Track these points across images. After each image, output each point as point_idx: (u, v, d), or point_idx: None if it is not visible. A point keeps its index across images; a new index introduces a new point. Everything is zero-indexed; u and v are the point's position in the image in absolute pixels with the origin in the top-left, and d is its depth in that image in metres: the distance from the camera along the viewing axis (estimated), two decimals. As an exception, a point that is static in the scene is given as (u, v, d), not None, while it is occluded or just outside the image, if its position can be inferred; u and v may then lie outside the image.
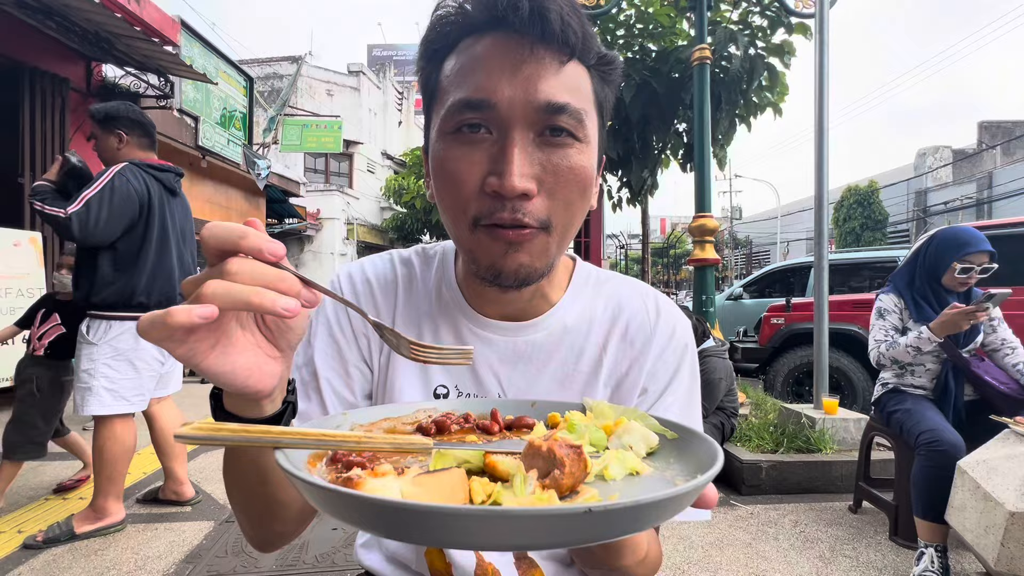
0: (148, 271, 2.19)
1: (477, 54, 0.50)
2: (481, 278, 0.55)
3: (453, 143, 0.51)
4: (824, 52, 3.23)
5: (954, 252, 2.10)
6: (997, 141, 18.60)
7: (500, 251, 0.51)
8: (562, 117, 0.49)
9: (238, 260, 0.35)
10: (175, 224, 2.33)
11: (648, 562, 0.55)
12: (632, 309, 0.66)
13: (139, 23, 5.01)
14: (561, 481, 0.33)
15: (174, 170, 2.37)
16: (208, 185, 8.70)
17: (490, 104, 0.48)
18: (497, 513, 0.26)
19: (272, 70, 16.67)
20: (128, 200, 2.11)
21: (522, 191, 0.48)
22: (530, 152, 0.49)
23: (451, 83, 0.51)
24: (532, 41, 0.48)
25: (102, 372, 2.12)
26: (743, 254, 35.69)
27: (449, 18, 0.51)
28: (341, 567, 1.96)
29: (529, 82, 0.48)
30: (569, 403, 0.50)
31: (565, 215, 0.52)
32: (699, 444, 0.40)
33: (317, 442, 0.35)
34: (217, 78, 7.96)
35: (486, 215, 0.50)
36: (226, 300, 0.33)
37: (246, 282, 0.34)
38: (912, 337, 2.09)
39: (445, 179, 0.52)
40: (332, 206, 16.05)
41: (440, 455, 0.37)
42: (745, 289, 7.48)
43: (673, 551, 2.15)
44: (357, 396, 0.64)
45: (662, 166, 6.25)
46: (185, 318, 0.32)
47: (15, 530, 2.23)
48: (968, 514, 1.73)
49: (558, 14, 0.47)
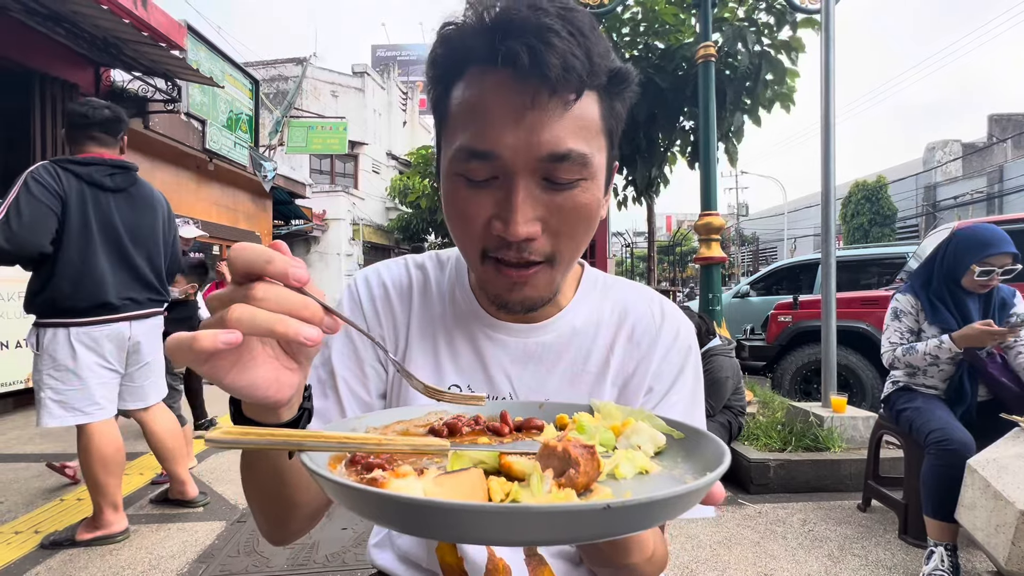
0: (69, 275, 2.02)
1: (482, 97, 0.49)
2: (490, 302, 0.60)
3: (461, 185, 0.52)
4: (830, 48, 3.21)
5: (974, 254, 2.01)
6: (1008, 134, 18.37)
7: (506, 286, 0.55)
8: (565, 165, 0.50)
9: (263, 286, 0.36)
10: (109, 222, 2.13)
11: (655, 560, 0.56)
12: (638, 312, 0.68)
13: (146, 28, 5.06)
14: (576, 480, 0.34)
15: (108, 162, 2.13)
16: (215, 187, 8.77)
17: (494, 155, 0.49)
18: (521, 510, 0.27)
19: (277, 72, 16.77)
20: (47, 196, 1.96)
21: (525, 237, 0.50)
22: (535, 196, 0.51)
23: (458, 119, 0.52)
24: (536, 85, 0.47)
25: (47, 383, 2.03)
26: (750, 251, 35.49)
27: (455, 42, 0.51)
28: (351, 567, 1.98)
29: (532, 132, 0.48)
30: (577, 404, 0.52)
31: (569, 247, 0.55)
32: (706, 443, 0.41)
33: (339, 444, 0.36)
34: (223, 81, 8.03)
35: (493, 249, 0.53)
36: (250, 327, 0.34)
37: (271, 308, 0.35)
38: (932, 346, 2.02)
39: (454, 216, 0.54)
40: (338, 207, 16.13)
41: (457, 456, 0.38)
42: (752, 286, 7.45)
43: (681, 550, 2.15)
44: (372, 395, 0.66)
45: (669, 163, 6.23)
46: (210, 344, 0.33)
47: (32, 530, 2.27)
48: (978, 513, 1.73)
49: (560, 56, 0.45)
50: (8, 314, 4.19)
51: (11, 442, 3.61)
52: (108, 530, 2.16)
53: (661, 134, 5.69)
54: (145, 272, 2.25)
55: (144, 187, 2.29)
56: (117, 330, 2.15)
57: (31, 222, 1.92)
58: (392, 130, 20.64)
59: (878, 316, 4.30)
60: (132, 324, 2.20)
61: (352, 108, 17.42)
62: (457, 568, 0.63)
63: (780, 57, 4.94)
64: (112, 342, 2.14)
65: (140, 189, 2.26)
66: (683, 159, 6.02)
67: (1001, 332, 1.90)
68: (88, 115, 2.11)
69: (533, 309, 0.58)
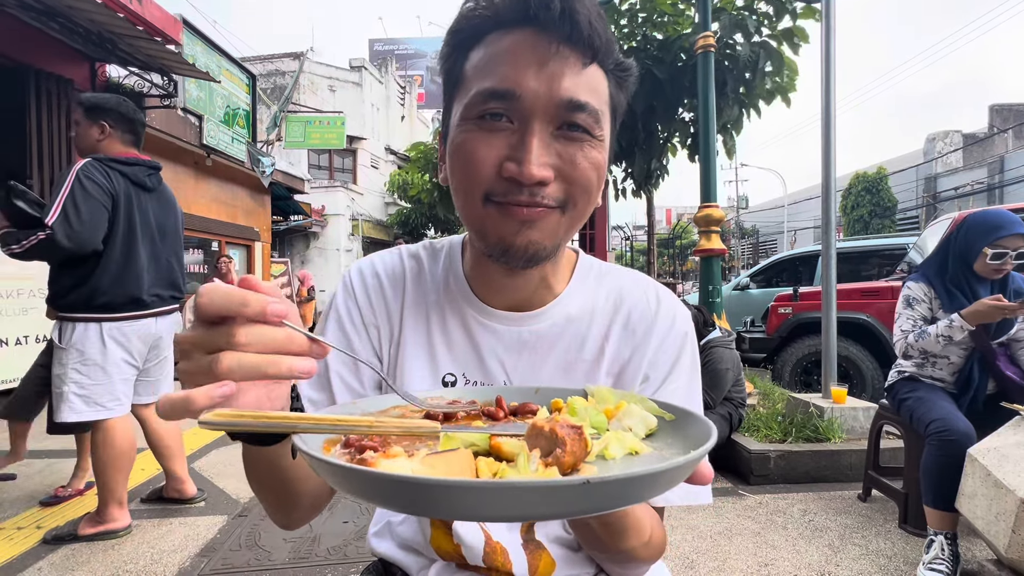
0: (111, 271, 2.07)
1: (505, 47, 0.52)
2: (488, 255, 0.57)
3: (474, 128, 0.53)
4: (830, 38, 3.19)
5: (984, 237, 1.97)
6: (1009, 124, 18.29)
7: (512, 229, 0.53)
8: (581, 115, 0.51)
9: (244, 329, 0.36)
10: (147, 221, 2.20)
11: (652, 545, 0.57)
12: (633, 299, 0.68)
13: (141, 23, 5.02)
14: (563, 459, 0.34)
15: (147, 163, 2.22)
16: (213, 183, 8.74)
17: (515, 95, 0.50)
18: (503, 485, 0.28)
19: (274, 67, 16.66)
20: (101, 194, 2.01)
21: (540, 179, 0.51)
22: (548, 143, 0.52)
23: (477, 73, 0.53)
24: (559, 40, 0.50)
25: (72, 377, 2.03)
26: (750, 244, 35.44)
27: (479, 11, 0.53)
28: (353, 559, 1.99)
29: (553, 78, 0.50)
30: (572, 389, 0.52)
31: (581, 198, 0.55)
32: (694, 423, 0.42)
33: (331, 427, 0.36)
34: (220, 76, 7.98)
35: (500, 194, 0.52)
36: (242, 375, 0.35)
37: (259, 350, 0.35)
38: (943, 326, 1.98)
39: (462, 160, 0.53)
40: (337, 202, 16.08)
41: (448, 438, 0.38)
42: (752, 279, 7.44)
43: (682, 540, 2.16)
44: (367, 387, 0.66)
45: (668, 155, 6.20)
46: (207, 402, 0.34)
47: (34, 526, 2.28)
48: (979, 501, 1.73)
49: (586, 17, 0.50)
50: (7, 311, 4.18)
51: (12, 439, 3.62)
52: (112, 525, 2.17)
53: (660, 126, 5.66)
54: (172, 269, 2.32)
55: (166, 187, 2.37)
56: (145, 326, 2.20)
57: (89, 220, 1.96)
58: (390, 125, 20.54)
59: (878, 307, 4.31)
60: (158, 320, 2.25)
61: (350, 103, 17.32)
62: (454, 554, 0.64)
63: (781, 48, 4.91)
64: (140, 338, 2.19)
65: (165, 189, 2.35)
66: (683, 151, 5.99)
67: (1012, 307, 1.86)
68: (133, 116, 2.19)
69: (533, 262, 0.55)
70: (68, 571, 1.94)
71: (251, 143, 9.07)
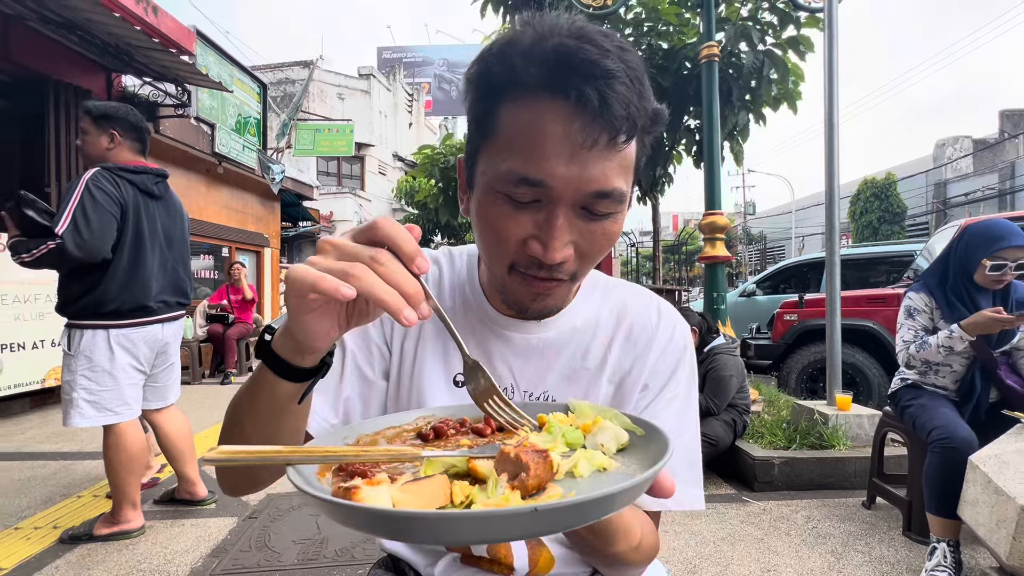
0: (120, 278, 2.09)
1: (541, 126, 0.49)
2: (505, 304, 0.64)
3: (503, 202, 0.53)
4: (833, 46, 3.22)
5: (984, 248, 1.98)
6: (1019, 130, 18.10)
7: (530, 296, 0.59)
8: (606, 202, 0.53)
9: (389, 255, 0.40)
10: (155, 228, 2.22)
11: (642, 549, 0.59)
12: (636, 312, 0.72)
13: (157, 35, 5.14)
14: (527, 483, 0.37)
15: (154, 171, 2.23)
16: (224, 190, 8.86)
17: (545, 184, 0.50)
18: (460, 516, 0.31)
19: (284, 75, 16.90)
20: (110, 203, 2.04)
21: (560, 261, 0.54)
22: (572, 220, 0.53)
23: (510, 140, 0.52)
24: (598, 130, 0.48)
25: (80, 384, 2.06)
26: (757, 250, 35.24)
27: (512, 61, 0.51)
28: (360, 560, 2.02)
29: (584, 169, 0.50)
30: (555, 405, 0.55)
31: (590, 267, 0.59)
32: (658, 439, 0.44)
33: (322, 458, 0.41)
34: (232, 85, 8.12)
35: (523, 266, 0.56)
36: (366, 289, 0.38)
37: (387, 278, 0.39)
38: (943, 336, 2.00)
39: (488, 230, 0.56)
40: (345, 208, 16.24)
41: (429, 463, 0.42)
42: (759, 285, 7.43)
43: (684, 546, 2.17)
44: (376, 373, 0.69)
45: (674, 162, 6.23)
46: (331, 290, 0.37)
47: (51, 525, 2.34)
48: (980, 509, 1.74)
49: (624, 104, 0.48)
50: (24, 316, 4.28)
51: (29, 441, 3.70)
52: (126, 526, 2.22)
53: (665, 133, 5.70)
54: (179, 276, 2.35)
55: (173, 194, 2.38)
56: (152, 332, 2.23)
57: (99, 229, 1.98)
58: (398, 132, 20.73)
59: (885, 314, 4.30)
60: (164, 326, 2.28)
61: (358, 110, 17.52)
62: (463, 547, 0.68)
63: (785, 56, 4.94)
64: (147, 344, 2.22)
65: (171, 196, 2.36)
66: (689, 158, 6.03)
67: (1010, 319, 1.88)
68: (140, 124, 2.21)
69: (548, 316, 0.64)
70: (85, 570, 1.99)
71: (262, 151, 9.21)
